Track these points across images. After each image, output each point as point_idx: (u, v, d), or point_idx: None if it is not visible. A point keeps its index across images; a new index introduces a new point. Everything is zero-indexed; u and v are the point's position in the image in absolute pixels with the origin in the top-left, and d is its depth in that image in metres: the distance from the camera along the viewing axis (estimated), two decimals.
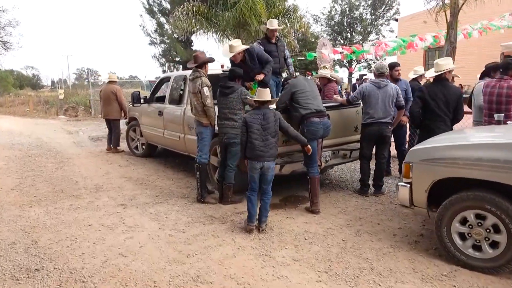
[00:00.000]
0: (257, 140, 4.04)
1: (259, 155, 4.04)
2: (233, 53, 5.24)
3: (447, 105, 4.31)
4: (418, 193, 3.39)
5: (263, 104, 4.12)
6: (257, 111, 4.13)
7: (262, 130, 4.05)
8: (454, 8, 8.14)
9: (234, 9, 12.10)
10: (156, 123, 7.34)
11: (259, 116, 4.10)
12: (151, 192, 5.69)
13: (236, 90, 4.85)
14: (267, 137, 4.04)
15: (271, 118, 4.09)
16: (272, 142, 4.05)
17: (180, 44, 23.50)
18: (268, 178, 4.12)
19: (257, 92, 4.21)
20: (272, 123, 4.07)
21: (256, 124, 4.07)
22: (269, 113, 4.11)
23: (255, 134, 4.04)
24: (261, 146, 4.04)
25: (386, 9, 37.78)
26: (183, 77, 6.70)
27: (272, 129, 4.06)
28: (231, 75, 4.97)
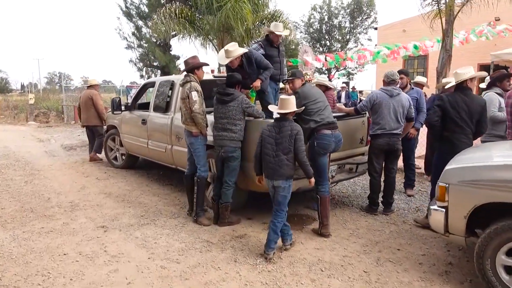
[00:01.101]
0: (268, 156, 3.61)
1: (270, 172, 3.61)
2: (230, 58, 4.70)
3: (470, 116, 3.93)
4: (456, 219, 2.95)
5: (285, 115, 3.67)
6: (275, 123, 3.69)
7: (274, 145, 3.59)
8: (450, 16, 7.93)
9: (219, 12, 11.60)
10: (138, 132, 6.70)
11: (274, 129, 3.64)
12: (135, 211, 5.06)
13: (236, 98, 4.33)
14: (278, 153, 3.58)
15: (287, 133, 3.60)
16: (283, 159, 3.57)
17: (159, 49, 22.72)
18: (279, 199, 3.65)
19: (279, 101, 3.72)
20: (286, 138, 3.59)
21: (269, 137, 3.64)
22: (286, 127, 3.62)
23: (267, 149, 3.63)
24: (271, 162, 3.60)
25: (364, 18, 38.21)
26: (170, 82, 6.12)
27: (285, 145, 3.58)
28: (230, 81, 4.45)
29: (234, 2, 11.40)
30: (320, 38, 38.83)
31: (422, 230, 4.26)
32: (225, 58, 4.76)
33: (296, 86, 4.27)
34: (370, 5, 37.36)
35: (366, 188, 5.99)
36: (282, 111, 3.64)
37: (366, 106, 4.71)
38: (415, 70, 27.16)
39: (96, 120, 8.26)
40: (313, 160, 4.08)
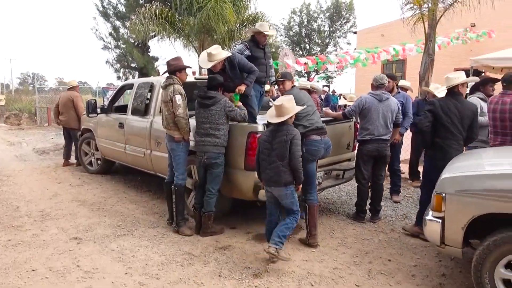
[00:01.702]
0: (265, 162, 3.53)
1: (266, 179, 3.57)
2: (213, 62, 4.41)
3: (461, 122, 3.84)
4: (453, 231, 2.82)
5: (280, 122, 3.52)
6: (273, 127, 3.55)
7: (270, 150, 3.46)
8: (432, 20, 7.95)
9: (200, 13, 11.34)
10: (115, 136, 6.38)
11: (271, 134, 3.51)
12: (111, 221, 4.75)
13: (219, 101, 4.11)
14: (273, 159, 3.45)
15: (282, 138, 3.44)
16: (278, 166, 3.44)
17: (137, 50, 22.18)
18: (286, 206, 3.59)
19: (275, 108, 3.52)
20: (281, 144, 3.44)
21: (266, 142, 3.51)
22: (282, 132, 3.48)
23: (264, 154, 3.54)
24: (268, 169, 3.48)
25: (344, 22, 38.60)
26: (149, 84, 5.83)
27: (280, 151, 3.43)
28: (212, 84, 4.23)
29: (214, 2, 11.17)
30: (300, 41, 39.00)
31: (412, 239, 4.14)
32: (207, 61, 4.49)
33: (287, 88, 4.10)
34: (349, 9, 37.80)
35: (351, 194, 5.88)
36: (278, 120, 3.46)
37: (355, 111, 4.57)
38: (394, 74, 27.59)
39: (75, 123, 7.89)
40: (302, 167, 3.90)
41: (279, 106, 3.48)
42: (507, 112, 4.03)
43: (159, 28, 12.47)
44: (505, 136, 4.10)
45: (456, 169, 3.05)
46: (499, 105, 4.10)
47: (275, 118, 3.50)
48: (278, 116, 3.49)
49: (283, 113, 3.46)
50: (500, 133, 4.14)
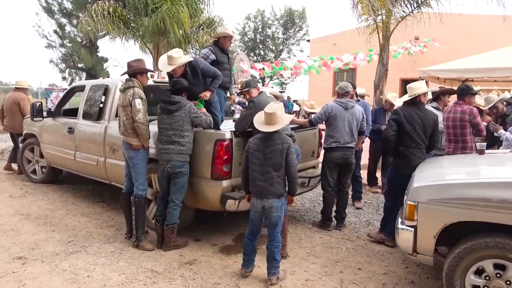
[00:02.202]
0: (256, 173, 3.24)
1: (258, 191, 3.24)
2: (173, 66, 4.14)
3: (424, 131, 3.94)
4: (425, 239, 2.84)
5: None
6: (264, 135, 3.26)
7: (263, 160, 3.20)
8: (386, 31, 8.24)
9: (155, 14, 10.96)
10: (64, 142, 5.89)
11: (263, 143, 3.24)
12: (61, 236, 4.33)
13: (183, 106, 3.89)
14: (268, 169, 3.20)
15: (277, 147, 3.20)
16: (274, 176, 3.20)
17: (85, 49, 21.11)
18: (273, 220, 3.29)
19: (266, 116, 3.23)
20: (276, 153, 3.19)
21: (257, 152, 3.24)
22: (276, 141, 3.22)
23: (255, 164, 3.24)
24: (260, 180, 3.22)
25: (297, 30, 39.49)
26: (103, 87, 5.44)
27: (275, 160, 3.19)
28: (176, 88, 4.00)
29: (170, 4, 10.86)
30: (255, 47, 39.32)
31: (378, 246, 4.17)
32: (168, 65, 4.21)
33: (253, 95, 3.98)
34: (301, 17, 38.75)
35: (314, 201, 5.87)
36: (272, 129, 3.21)
37: (321, 118, 4.55)
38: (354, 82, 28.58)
39: (21, 127, 7.20)
40: None
41: (272, 114, 3.19)
42: (457, 120, 4.25)
43: (112, 26, 11.89)
44: (456, 143, 4.31)
45: (426, 178, 3.08)
46: (452, 113, 4.31)
47: (267, 126, 3.22)
48: (269, 124, 3.21)
49: (275, 121, 3.22)
50: (452, 140, 4.36)
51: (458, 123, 4.25)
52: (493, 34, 20.65)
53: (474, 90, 4.50)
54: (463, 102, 4.35)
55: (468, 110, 4.24)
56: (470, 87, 4.42)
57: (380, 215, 5.22)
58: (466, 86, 4.43)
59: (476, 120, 4.22)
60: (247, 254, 3.39)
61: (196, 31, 13.26)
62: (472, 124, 4.22)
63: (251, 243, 3.39)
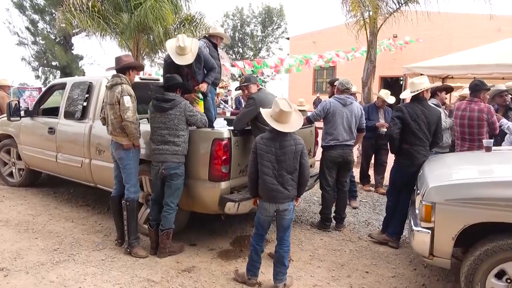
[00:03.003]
0: (269, 176, 3.01)
1: (272, 196, 3.02)
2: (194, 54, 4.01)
3: (429, 127, 3.84)
4: (443, 241, 2.72)
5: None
6: (274, 135, 3.05)
7: (276, 163, 3.00)
8: (374, 27, 8.19)
9: (137, 11, 10.56)
10: (44, 143, 5.53)
11: (273, 144, 3.02)
12: (46, 244, 4.01)
13: (178, 104, 3.65)
14: (281, 172, 3.01)
15: (290, 149, 3.02)
16: (288, 179, 3.03)
17: (59, 47, 20.30)
18: (285, 224, 3.12)
19: (282, 115, 2.99)
20: (290, 155, 3.01)
21: (268, 154, 3.02)
22: (288, 141, 3.03)
23: (267, 167, 3.01)
24: (274, 184, 3.01)
25: (275, 27, 39.40)
26: (87, 84, 5.11)
27: (289, 162, 3.01)
28: (170, 84, 3.76)
29: (153, 1, 10.50)
30: (233, 45, 38.97)
31: (381, 247, 4.05)
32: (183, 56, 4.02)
33: (252, 91, 3.78)
34: (280, 15, 38.67)
35: (309, 201, 5.72)
36: (290, 130, 3.02)
37: (319, 115, 4.40)
38: (324, 80, 28.73)
39: None
40: None
41: (289, 113, 2.99)
42: (474, 119, 4.14)
43: (91, 22, 11.40)
44: (472, 142, 4.21)
45: (441, 177, 2.96)
46: (467, 112, 4.20)
47: (283, 125, 2.99)
48: (285, 123, 3.00)
49: (292, 122, 3.03)
50: (467, 139, 4.24)
51: (475, 122, 4.12)
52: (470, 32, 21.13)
53: (488, 86, 4.40)
54: (478, 99, 4.23)
55: (486, 109, 4.14)
56: (484, 83, 4.32)
57: (378, 214, 5.16)
58: (480, 81, 4.32)
59: (493, 119, 4.12)
60: (256, 261, 3.17)
61: (177, 28, 12.92)
62: (489, 122, 4.13)
63: (260, 248, 3.19)
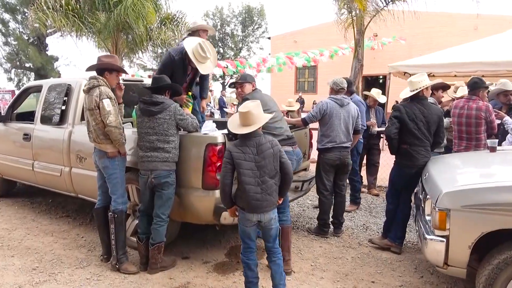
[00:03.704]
0: (251, 185, 2.74)
1: (256, 205, 2.76)
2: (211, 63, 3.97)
3: (428, 127, 3.69)
4: (458, 250, 2.56)
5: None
6: (247, 141, 2.80)
7: (256, 170, 2.75)
8: (361, 26, 8.10)
9: (117, 9, 10.15)
10: (19, 150, 5.15)
11: (251, 150, 2.77)
12: (23, 262, 3.67)
13: (167, 107, 3.38)
14: (264, 178, 2.76)
15: (268, 152, 2.79)
16: (272, 185, 2.80)
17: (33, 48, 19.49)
18: (273, 233, 2.89)
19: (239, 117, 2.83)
20: (269, 158, 2.78)
21: (247, 161, 2.75)
22: (265, 145, 2.80)
23: (248, 176, 2.74)
24: (257, 193, 2.75)
25: (256, 27, 39.23)
26: (65, 87, 4.76)
27: (270, 166, 2.78)
28: (158, 86, 3.48)
29: None
30: (214, 45, 38.51)
31: (383, 253, 3.89)
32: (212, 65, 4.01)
33: (247, 91, 3.54)
34: (260, 15, 38.53)
35: (303, 205, 5.53)
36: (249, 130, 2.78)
37: (315, 117, 4.20)
38: (306, 79, 28.77)
39: None
40: None
41: (247, 113, 2.79)
42: (472, 118, 4.03)
43: (65, 21, 10.92)
44: (469, 141, 4.10)
45: (453, 181, 2.81)
46: (465, 110, 4.09)
47: (243, 128, 2.80)
48: (246, 125, 2.82)
49: (252, 121, 2.81)
50: (465, 137, 4.14)
51: (473, 120, 4.02)
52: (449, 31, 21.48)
53: (486, 84, 4.31)
54: (477, 97, 4.13)
55: (484, 107, 4.03)
56: (483, 80, 4.22)
57: (375, 217, 5.01)
58: (478, 79, 4.22)
59: (492, 117, 4.03)
60: (253, 277, 2.92)
61: (158, 27, 12.55)
62: (487, 121, 4.03)
63: (253, 262, 2.94)
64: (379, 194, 6.05)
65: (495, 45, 10.32)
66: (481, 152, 3.87)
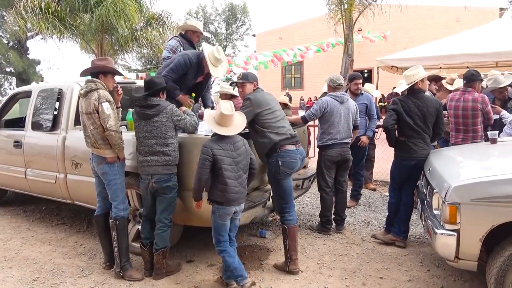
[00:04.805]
0: (231, 179, 2.98)
1: (235, 198, 3.01)
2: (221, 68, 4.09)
3: (424, 120, 3.70)
4: (469, 243, 2.57)
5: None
6: (226, 138, 3.02)
7: (234, 165, 3.01)
8: (350, 22, 8.12)
9: (98, 9, 9.95)
10: (9, 158, 5.01)
11: (229, 147, 3.00)
12: (22, 274, 3.56)
13: (163, 109, 3.28)
14: (240, 173, 3.06)
15: (243, 149, 3.09)
16: (245, 179, 3.13)
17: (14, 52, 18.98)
18: (237, 224, 3.22)
19: (222, 117, 2.99)
20: (243, 154, 3.09)
21: (228, 157, 2.98)
22: (240, 143, 3.10)
23: (228, 171, 2.97)
24: (236, 186, 3.01)
25: (240, 25, 39.07)
26: (56, 91, 4.64)
27: (244, 162, 3.10)
28: (152, 88, 3.33)
29: None
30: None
31: (387, 247, 3.90)
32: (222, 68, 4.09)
33: (247, 91, 3.49)
34: (244, 12, 38.39)
35: (301, 203, 5.52)
36: (234, 133, 3.03)
37: (315, 115, 4.18)
38: (293, 75, 28.82)
39: None
40: (277, 183, 3.37)
41: (230, 116, 3.01)
42: (468, 109, 4.06)
43: (45, 24, 10.66)
44: (466, 133, 4.14)
45: (461, 175, 2.81)
46: (461, 102, 4.12)
47: (226, 129, 3.00)
48: (228, 126, 3.02)
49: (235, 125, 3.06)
50: (462, 130, 4.17)
51: (470, 112, 4.06)
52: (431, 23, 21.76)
53: (482, 76, 4.35)
54: (472, 89, 4.17)
55: (480, 98, 4.07)
56: (479, 73, 4.25)
57: (375, 212, 5.04)
58: (475, 71, 4.25)
59: (488, 108, 4.06)
60: (237, 263, 3.05)
61: (143, 27, 12.37)
62: (483, 112, 4.07)
63: (233, 252, 3.11)
64: (376, 189, 6.09)
65: (481, 37, 10.47)
66: (482, 144, 3.91)
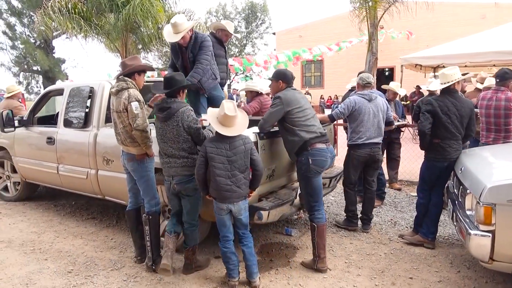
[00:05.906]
0: (221, 177, 3.01)
1: (225, 196, 3.04)
2: (182, 32, 3.94)
3: (461, 121, 3.65)
4: (505, 244, 2.54)
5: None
6: (221, 137, 3.05)
7: (227, 164, 3.00)
8: (375, 19, 8.04)
9: (124, 9, 10.15)
10: (43, 154, 5.17)
11: (223, 146, 3.02)
12: (57, 266, 3.69)
13: (174, 113, 3.17)
14: (234, 172, 3.02)
15: (240, 148, 3.04)
16: (241, 178, 3.06)
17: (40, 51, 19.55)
18: (243, 221, 3.16)
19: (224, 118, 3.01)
20: (240, 154, 3.04)
21: (219, 155, 3.01)
22: (238, 142, 3.05)
23: (219, 169, 3.01)
24: (227, 184, 3.02)
25: (259, 23, 39.04)
26: (88, 89, 4.77)
27: (241, 162, 3.04)
28: (171, 88, 3.25)
29: None
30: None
31: (416, 248, 3.87)
32: (174, 34, 3.96)
33: (273, 89, 3.53)
34: (264, 10, 38.33)
35: (327, 202, 5.51)
36: (236, 133, 3.04)
37: (343, 113, 4.17)
38: (313, 74, 28.64)
39: None
40: (307, 181, 3.38)
41: (233, 117, 3.02)
42: (501, 109, 3.99)
43: (72, 24, 10.93)
44: (498, 133, 4.06)
45: (496, 175, 2.77)
46: (493, 101, 4.05)
47: (229, 129, 3.02)
48: (231, 126, 3.03)
49: (238, 125, 3.07)
50: (493, 129, 4.10)
51: (502, 112, 3.99)
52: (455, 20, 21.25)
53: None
54: (505, 88, 4.09)
55: None
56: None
57: (401, 212, 5.00)
58: (508, 69, 4.17)
59: None
60: (231, 263, 3.15)
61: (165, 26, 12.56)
62: None
63: (231, 249, 3.17)
64: (401, 188, 6.03)
65: (508, 34, 10.18)
66: None
